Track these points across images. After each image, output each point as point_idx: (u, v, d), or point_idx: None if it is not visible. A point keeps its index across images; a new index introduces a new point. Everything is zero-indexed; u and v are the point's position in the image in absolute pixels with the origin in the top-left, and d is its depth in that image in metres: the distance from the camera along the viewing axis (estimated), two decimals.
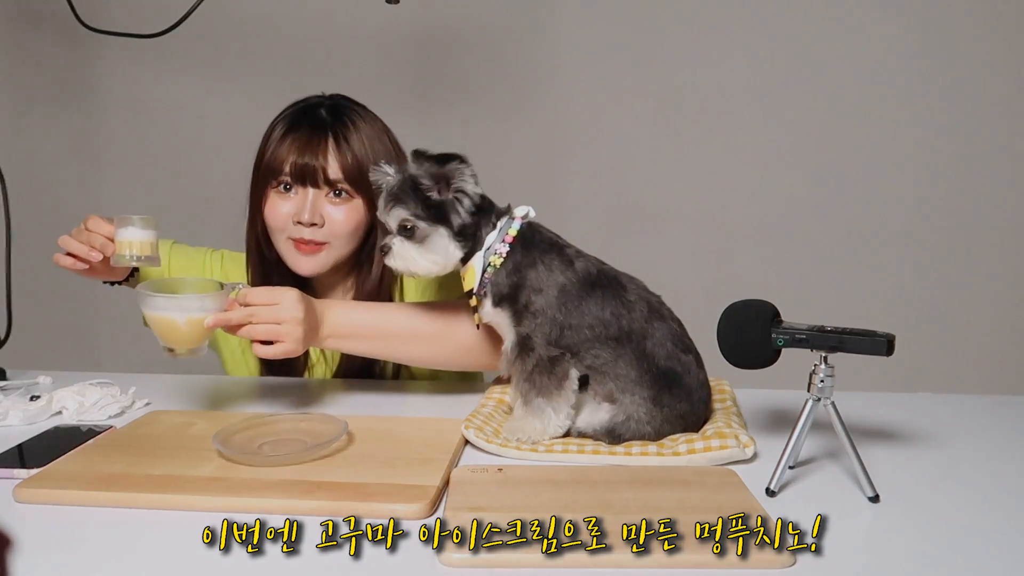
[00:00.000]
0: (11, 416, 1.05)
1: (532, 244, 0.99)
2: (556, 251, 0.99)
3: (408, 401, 1.23)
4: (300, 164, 1.23)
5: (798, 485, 0.86)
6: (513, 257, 0.98)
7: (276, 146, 1.26)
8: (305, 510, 0.77)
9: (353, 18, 2.39)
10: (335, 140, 1.24)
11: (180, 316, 0.99)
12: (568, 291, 0.96)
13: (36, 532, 0.74)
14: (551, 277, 0.97)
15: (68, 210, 2.59)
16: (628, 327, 0.96)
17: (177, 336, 1.01)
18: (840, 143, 2.38)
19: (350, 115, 1.27)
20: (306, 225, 1.24)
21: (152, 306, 1.00)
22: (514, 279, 0.97)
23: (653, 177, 2.43)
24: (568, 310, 0.96)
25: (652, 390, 0.95)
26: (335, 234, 1.25)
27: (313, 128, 1.25)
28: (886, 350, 0.80)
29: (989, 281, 2.37)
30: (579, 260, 0.99)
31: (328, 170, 1.23)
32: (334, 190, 1.25)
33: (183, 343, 1.02)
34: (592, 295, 0.96)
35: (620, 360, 0.95)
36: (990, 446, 1.00)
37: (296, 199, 1.25)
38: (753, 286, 1.36)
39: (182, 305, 1.00)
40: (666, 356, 0.96)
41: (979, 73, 2.31)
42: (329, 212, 1.25)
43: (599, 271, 0.99)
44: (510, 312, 0.98)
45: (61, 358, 2.59)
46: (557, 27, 2.41)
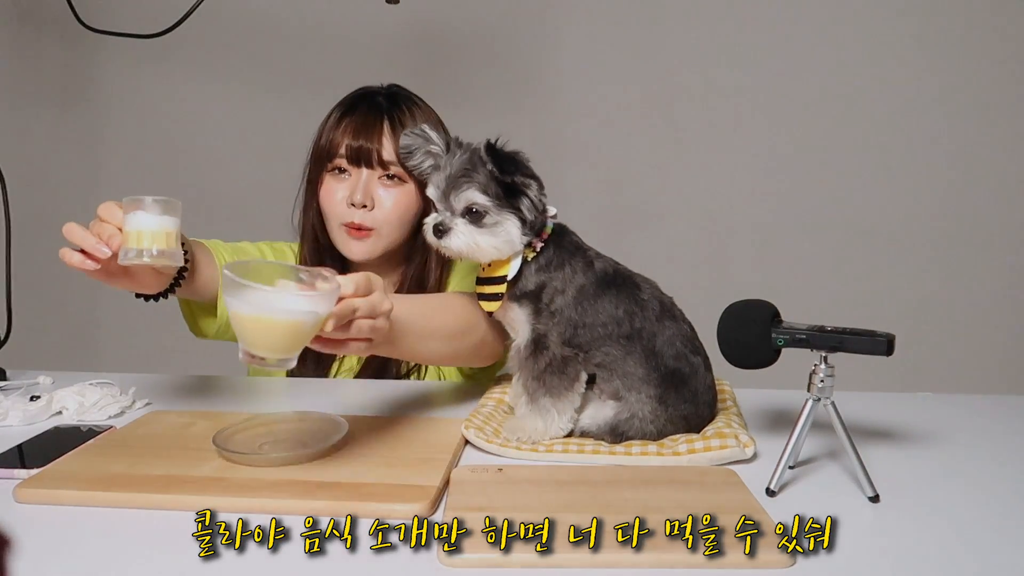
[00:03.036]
0: (11, 416, 1.05)
1: (561, 245, 0.99)
2: (580, 254, 0.99)
3: (408, 401, 1.23)
4: (355, 146, 1.26)
5: (798, 485, 0.86)
6: (545, 254, 0.98)
7: (331, 130, 1.29)
8: (305, 510, 0.76)
9: (353, 18, 2.39)
10: (391, 124, 1.27)
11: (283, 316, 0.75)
12: (585, 291, 0.97)
13: (36, 532, 0.74)
14: (574, 279, 0.97)
15: (68, 210, 2.58)
16: (640, 325, 0.96)
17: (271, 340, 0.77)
18: (840, 143, 2.38)
19: (406, 102, 1.31)
20: (358, 206, 1.26)
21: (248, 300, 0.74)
22: (541, 277, 0.97)
23: (653, 177, 2.44)
24: (584, 309, 0.96)
25: (659, 389, 0.95)
26: (385, 219, 1.27)
27: (369, 111, 1.28)
28: (886, 350, 0.80)
29: (989, 281, 2.37)
30: (599, 261, 1.00)
31: (383, 152, 1.26)
32: (387, 173, 1.27)
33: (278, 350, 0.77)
34: (607, 293, 0.97)
35: (629, 358, 0.95)
36: (990, 446, 1.00)
37: (350, 181, 1.28)
38: (753, 286, 1.36)
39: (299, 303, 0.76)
40: (675, 356, 0.96)
41: (979, 73, 2.31)
42: (380, 195, 1.27)
43: (615, 271, 1.00)
44: (530, 309, 0.97)
45: (61, 358, 2.59)
46: (557, 27, 2.41)
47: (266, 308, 0.75)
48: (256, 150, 2.43)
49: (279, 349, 0.77)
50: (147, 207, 0.83)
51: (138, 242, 0.84)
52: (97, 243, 0.88)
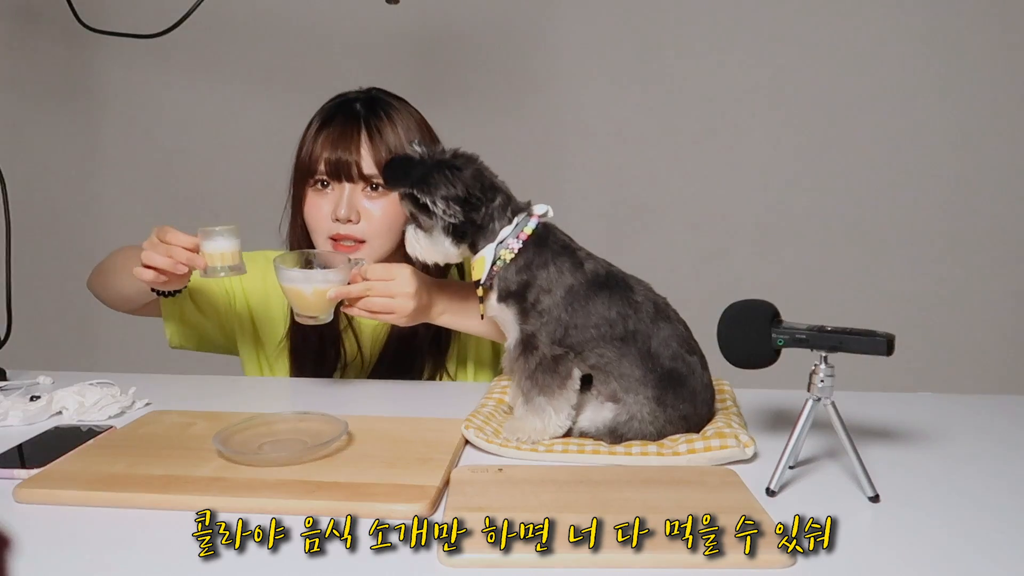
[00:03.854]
0: (11, 416, 1.05)
1: (545, 244, 0.99)
2: (568, 253, 0.99)
3: (408, 401, 1.23)
4: (334, 160, 1.23)
5: (798, 485, 0.86)
6: (525, 255, 0.98)
7: (311, 143, 1.26)
8: (305, 510, 0.77)
9: (353, 18, 2.39)
10: (368, 133, 1.24)
11: (307, 287, 1.11)
12: (576, 291, 0.96)
13: (36, 532, 0.74)
14: (561, 279, 0.97)
15: (68, 210, 2.59)
16: (634, 327, 0.95)
17: (305, 304, 1.13)
18: (840, 143, 2.38)
19: (385, 107, 1.27)
20: (343, 221, 1.24)
21: (284, 278, 1.12)
22: (524, 277, 0.97)
23: (653, 177, 2.44)
24: (574, 310, 0.96)
25: (656, 390, 0.95)
26: (374, 230, 1.25)
27: (346, 122, 1.25)
28: (886, 350, 0.80)
29: (989, 281, 2.37)
30: (589, 262, 0.99)
31: (362, 164, 1.23)
32: (370, 184, 1.25)
33: (310, 310, 1.13)
34: (599, 295, 0.96)
35: (624, 360, 0.95)
36: (990, 446, 1.00)
37: (333, 195, 1.25)
38: (753, 286, 1.36)
39: (310, 277, 1.12)
40: (671, 356, 0.96)
41: (980, 72, 2.31)
42: (366, 207, 1.25)
43: (608, 272, 1.00)
44: (516, 309, 0.98)
45: (61, 358, 2.59)
46: (557, 27, 2.41)
47: (292, 281, 1.12)
48: (255, 150, 2.42)
49: (312, 309, 1.13)
50: (223, 235, 1.10)
51: (221, 261, 1.10)
52: (175, 264, 1.10)
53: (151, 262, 1.10)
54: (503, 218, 0.99)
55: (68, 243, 2.59)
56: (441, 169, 0.98)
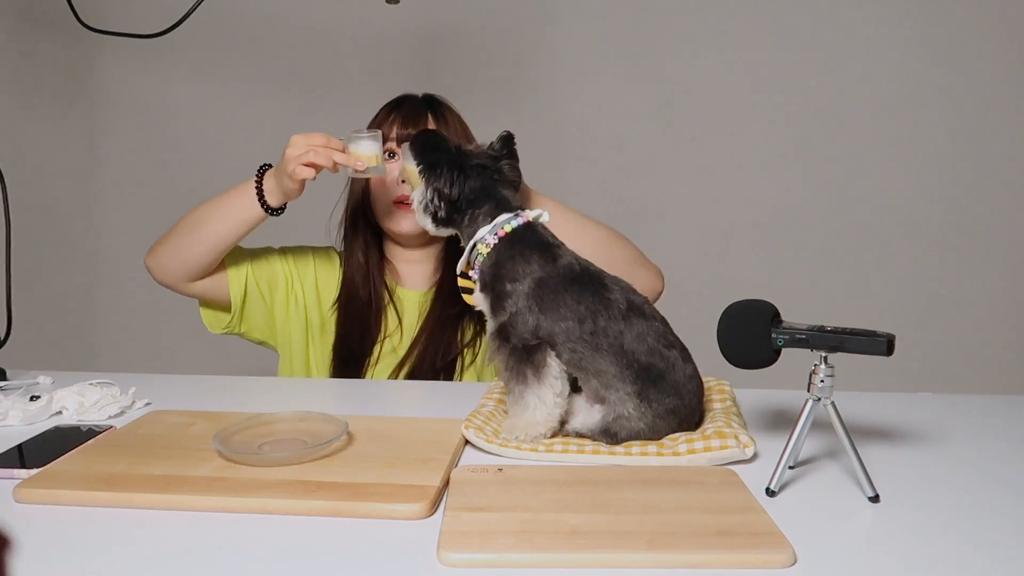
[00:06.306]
0: (11, 416, 1.05)
1: (522, 240, 1.00)
2: (543, 248, 1.00)
3: (408, 401, 1.23)
4: (404, 133, 1.38)
5: (798, 485, 0.86)
6: (498, 249, 1.00)
7: (380, 123, 1.41)
8: (305, 510, 0.77)
9: (353, 18, 2.39)
10: (434, 117, 1.42)
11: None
12: (545, 283, 0.97)
13: (36, 532, 0.74)
14: (527, 268, 0.98)
15: (68, 210, 2.59)
16: (604, 324, 0.96)
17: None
18: (840, 143, 2.38)
19: (441, 107, 1.46)
20: None
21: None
22: (496, 270, 0.99)
23: (653, 177, 2.44)
24: (542, 300, 0.97)
25: (635, 385, 0.94)
26: None
27: (414, 107, 1.43)
28: (886, 350, 0.80)
29: (989, 281, 2.37)
30: (565, 258, 1.00)
31: None
32: None
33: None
34: (570, 289, 0.97)
35: (598, 355, 0.95)
36: (990, 446, 1.00)
37: (398, 164, 1.35)
38: (753, 286, 1.36)
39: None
40: (647, 352, 0.95)
41: (980, 72, 2.31)
42: None
43: (583, 269, 1.00)
44: (491, 299, 1.00)
45: (61, 358, 2.60)
46: (557, 27, 2.41)
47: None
48: (256, 150, 2.42)
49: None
50: (373, 137, 1.24)
51: (367, 161, 1.23)
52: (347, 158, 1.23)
53: (315, 159, 1.20)
54: (485, 221, 1.02)
55: (68, 243, 2.59)
56: (453, 167, 1.03)
